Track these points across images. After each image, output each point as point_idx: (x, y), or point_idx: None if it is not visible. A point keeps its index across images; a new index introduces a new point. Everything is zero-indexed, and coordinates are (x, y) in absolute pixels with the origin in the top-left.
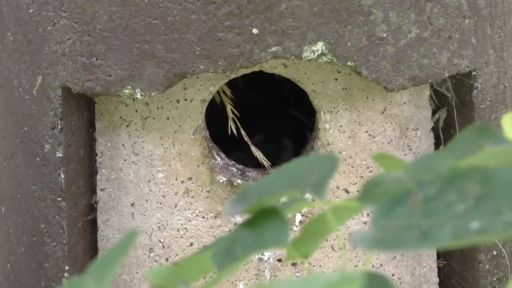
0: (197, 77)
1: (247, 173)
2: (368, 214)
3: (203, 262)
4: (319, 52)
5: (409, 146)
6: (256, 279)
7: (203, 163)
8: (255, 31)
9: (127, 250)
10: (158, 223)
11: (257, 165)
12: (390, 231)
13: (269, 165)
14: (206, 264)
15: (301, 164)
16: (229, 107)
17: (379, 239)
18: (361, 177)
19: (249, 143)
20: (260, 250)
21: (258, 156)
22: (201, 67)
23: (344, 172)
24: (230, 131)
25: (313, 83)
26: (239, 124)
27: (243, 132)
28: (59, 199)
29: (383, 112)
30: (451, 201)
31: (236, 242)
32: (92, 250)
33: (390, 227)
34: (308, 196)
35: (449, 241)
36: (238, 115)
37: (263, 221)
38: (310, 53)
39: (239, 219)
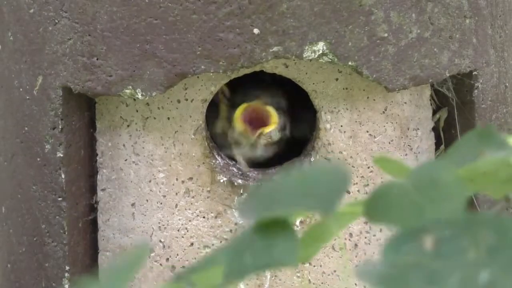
0: (197, 77)
1: (247, 173)
2: None
3: (215, 277)
4: (320, 52)
5: (409, 146)
6: (257, 279)
7: (203, 163)
8: (256, 31)
9: (139, 263)
10: (159, 223)
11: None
12: (398, 269)
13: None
14: (217, 278)
15: (312, 175)
16: (223, 107)
17: (385, 276)
18: (362, 177)
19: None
20: (267, 269)
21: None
22: (202, 67)
23: None
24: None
25: (313, 83)
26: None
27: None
28: (59, 199)
29: (383, 112)
30: (463, 247)
31: (245, 254)
32: (93, 250)
33: (398, 263)
34: None
35: None
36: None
37: (271, 236)
38: (311, 53)
39: (240, 220)
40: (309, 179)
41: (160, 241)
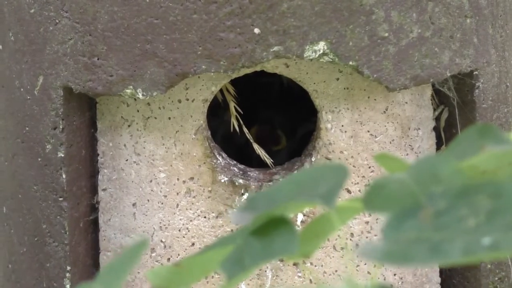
0: (198, 77)
1: (248, 173)
2: (370, 214)
3: (205, 262)
4: (321, 51)
5: (410, 146)
6: (258, 279)
7: (204, 163)
8: (256, 30)
9: (137, 257)
10: (160, 223)
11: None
12: (400, 244)
13: (272, 163)
14: (207, 264)
15: (310, 174)
16: (232, 105)
17: (388, 252)
18: (363, 177)
19: (252, 140)
20: (269, 260)
21: (260, 154)
22: (203, 67)
23: None
24: (232, 128)
25: (314, 83)
26: (241, 122)
27: (245, 130)
28: (60, 199)
29: (384, 111)
30: (462, 216)
31: (244, 251)
32: (94, 250)
33: (400, 240)
34: None
35: (460, 256)
36: (241, 113)
37: (271, 230)
38: (312, 52)
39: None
40: (307, 177)
41: (161, 241)
